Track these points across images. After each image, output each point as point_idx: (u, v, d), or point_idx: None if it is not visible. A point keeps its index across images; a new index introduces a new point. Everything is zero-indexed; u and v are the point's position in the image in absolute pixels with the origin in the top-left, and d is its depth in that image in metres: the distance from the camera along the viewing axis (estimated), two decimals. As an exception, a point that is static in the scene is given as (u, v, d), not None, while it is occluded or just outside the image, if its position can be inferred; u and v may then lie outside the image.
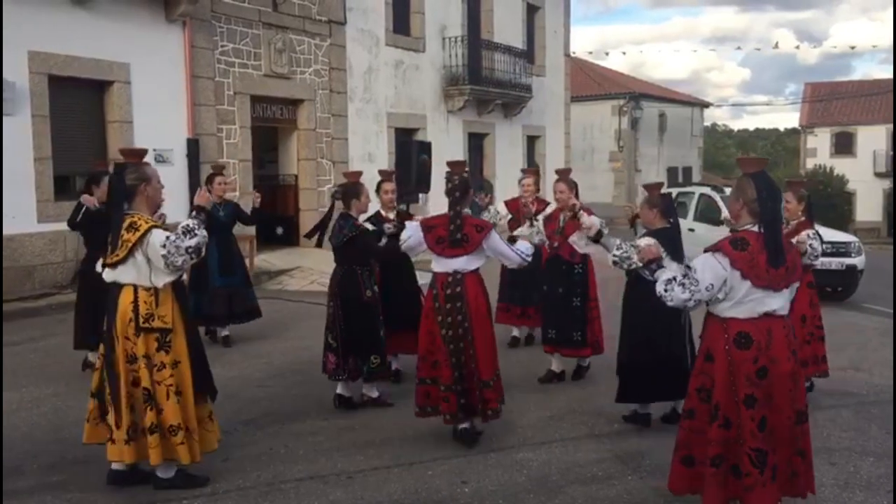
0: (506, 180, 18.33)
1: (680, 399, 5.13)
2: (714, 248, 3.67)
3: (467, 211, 4.94)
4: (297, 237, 13.29)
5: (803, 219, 5.87)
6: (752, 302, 3.64)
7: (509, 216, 7.38)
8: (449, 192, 4.87)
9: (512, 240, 5.81)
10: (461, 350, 4.79)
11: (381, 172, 6.57)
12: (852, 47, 37.27)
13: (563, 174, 6.40)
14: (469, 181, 4.94)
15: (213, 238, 7.30)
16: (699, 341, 3.90)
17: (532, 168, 8.05)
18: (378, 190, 6.32)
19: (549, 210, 6.69)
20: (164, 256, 4.04)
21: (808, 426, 3.70)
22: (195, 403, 4.22)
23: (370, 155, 14.48)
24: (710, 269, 3.63)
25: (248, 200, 10.85)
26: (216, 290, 7.42)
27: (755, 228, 3.67)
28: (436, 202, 15.28)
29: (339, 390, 5.66)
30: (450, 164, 5.14)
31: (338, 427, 5.25)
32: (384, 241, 5.46)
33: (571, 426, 5.34)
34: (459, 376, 4.78)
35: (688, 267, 3.74)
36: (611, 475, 4.54)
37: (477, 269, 4.92)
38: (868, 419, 5.56)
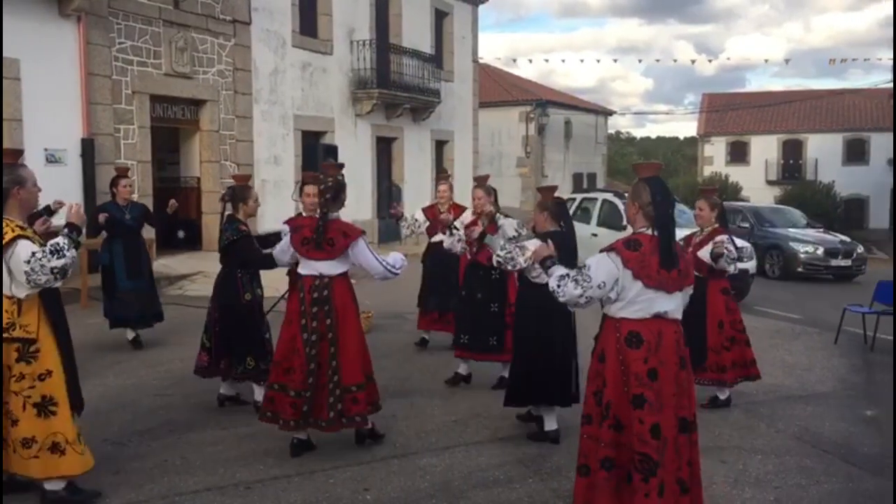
0: (414, 184, 18.38)
1: (565, 405, 5.18)
2: (608, 248, 3.72)
3: (336, 215, 4.83)
4: (200, 241, 12.95)
5: (717, 225, 5.94)
6: (643, 302, 3.67)
7: (427, 223, 7.36)
8: (320, 194, 4.79)
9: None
10: (320, 355, 4.67)
11: (304, 175, 6.44)
12: (746, 60, 38.77)
13: (481, 181, 6.48)
14: (343, 184, 4.83)
15: (120, 241, 7.32)
16: (593, 345, 3.89)
17: (445, 174, 8.07)
18: (300, 192, 6.26)
19: (466, 215, 6.71)
20: (26, 273, 3.84)
21: (697, 437, 3.68)
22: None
23: (276, 158, 14.22)
24: (603, 267, 3.67)
25: (147, 203, 10.53)
26: (123, 294, 7.30)
27: (649, 231, 3.72)
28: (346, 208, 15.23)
29: (222, 390, 5.67)
30: (324, 165, 5.09)
31: (238, 436, 5.14)
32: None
33: (475, 430, 5.36)
34: (312, 383, 4.66)
35: (582, 266, 3.74)
36: (512, 478, 4.58)
37: (345, 273, 4.80)
38: (757, 418, 5.78)
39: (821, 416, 5.84)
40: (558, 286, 3.75)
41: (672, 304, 3.71)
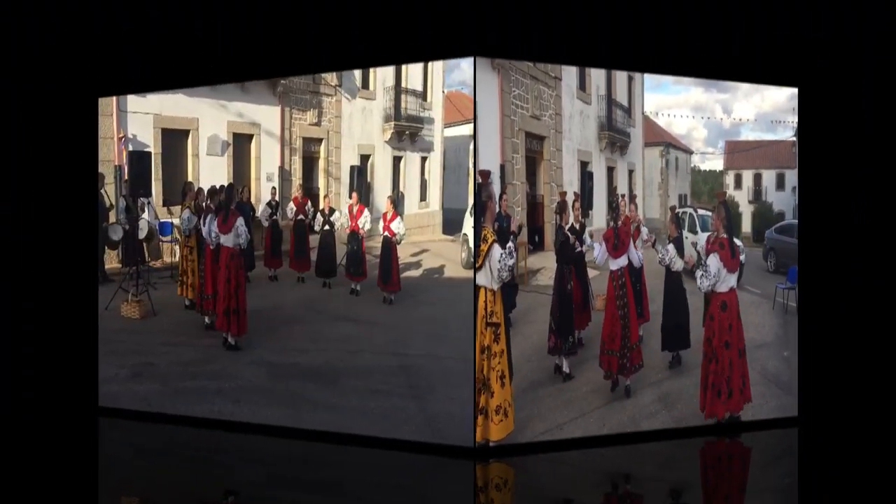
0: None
1: (688, 347, 6.59)
2: (710, 250, 5.59)
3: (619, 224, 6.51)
4: (543, 243, 16.66)
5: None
6: (725, 281, 5.46)
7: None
8: (612, 211, 6.89)
9: None
10: (626, 325, 6.09)
11: (574, 194, 8.80)
12: (740, 118, 43.37)
13: (633, 198, 8.50)
14: (620, 203, 6.64)
15: None
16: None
17: (628, 195, 10.53)
18: (572, 207, 7.78)
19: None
20: (497, 270, 4.71)
21: (745, 359, 5.50)
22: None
23: (571, 181, 18.09)
24: (714, 264, 5.45)
25: (521, 214, 14.07)
26: None
27: (725, 235, 5.55)
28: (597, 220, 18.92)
29: (557, 362, 6.55)
30: (610, 190, 6.86)
31: (560, 389, 6.47)
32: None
33: (639, 379, 6.64)
34: (625, 345, 6.07)
35: (706, 264, 5.50)
36: (656, 411, 6.19)
37: (627, 265, 6.28)
38: (743, 359, 6.81)
39: (766, 357, 7.27)
40: (699, 279, 5.46)
41: (734, 281, 5.55)
